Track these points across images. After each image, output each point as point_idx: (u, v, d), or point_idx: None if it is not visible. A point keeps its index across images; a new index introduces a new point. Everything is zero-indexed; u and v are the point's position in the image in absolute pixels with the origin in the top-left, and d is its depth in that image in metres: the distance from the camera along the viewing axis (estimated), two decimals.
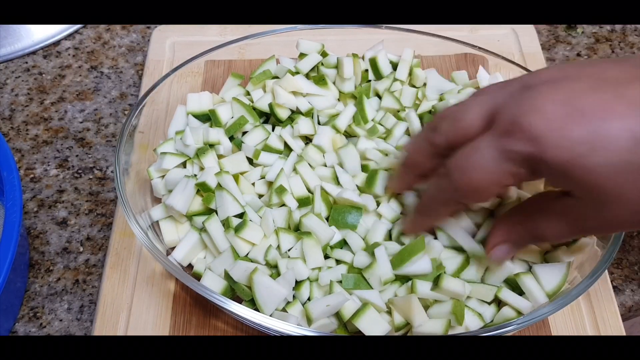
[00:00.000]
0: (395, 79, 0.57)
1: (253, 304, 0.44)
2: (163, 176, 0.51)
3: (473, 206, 0.46)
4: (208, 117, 0.54)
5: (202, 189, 0.48)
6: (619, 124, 0.32)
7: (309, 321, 0.43)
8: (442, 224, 0.46)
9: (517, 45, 0.67)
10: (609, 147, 0.32)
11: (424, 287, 0.44)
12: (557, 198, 0.39)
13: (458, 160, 0.38)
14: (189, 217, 0.49)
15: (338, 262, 0.46)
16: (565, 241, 0.46)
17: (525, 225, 0.41)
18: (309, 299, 0.45)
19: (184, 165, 0.51)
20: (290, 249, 0.46)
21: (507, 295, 0.44)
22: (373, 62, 0.57)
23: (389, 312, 0.44)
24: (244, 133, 0.53)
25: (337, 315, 0.44)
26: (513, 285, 0.45)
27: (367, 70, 0.58)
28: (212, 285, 0.45)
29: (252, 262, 0.45)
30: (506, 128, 0.35)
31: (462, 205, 0.44)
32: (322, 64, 0.57)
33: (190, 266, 0.48)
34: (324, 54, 0.58)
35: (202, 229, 0.48)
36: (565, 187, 0.36)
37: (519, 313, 0.44)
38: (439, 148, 0.40)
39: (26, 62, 0.68)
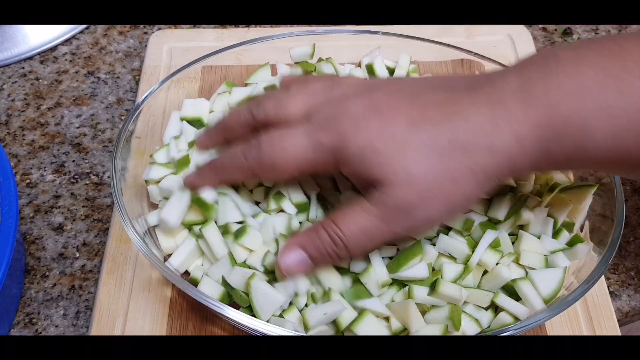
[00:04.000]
0: None
1: (250, 310, 0.44)
2: (159, 181, 0.50)
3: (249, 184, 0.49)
4: (202, 123, 0.54)
5: (197, 204, 0.47)
6: (402, 115, 0.40)
7: (306, 328, 0.43)
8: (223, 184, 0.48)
9: (513, 50, 0.67)
10: (393, 132, 0.39)
11: (420, 292, 0.44)
12: (359, 196, 0.42)
13: (272, 137, 0.42)
14: (186, 225, 0.48)
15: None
16: (370, 247, 0.44)
17: (329, 226, 0.41)
18: (306, 305, 0.45)
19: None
20: None
21: (503, 300, 0.44)
22: (370, 68, 0.57)
23: (387, 319, 0.44)
24: None
25: (334, 322, 0.44)
26: (510, 291, 0.45)
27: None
28: (210, 292, 0.45)
29: (249, 268, 0.45)
30: (320, 123, 0.41)
31: (254, 178, 0.48)
32: (315, 70, 0.57)
33: (187, 272, 0.48)
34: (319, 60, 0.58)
35: (199, 236, 0.47)
36: (363, 174, 0.40)
37: (516, 319, 0.44)
38: (256, 121, 0.45)
39: (23, 68, 0.68)
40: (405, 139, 0.39)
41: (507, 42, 0.68)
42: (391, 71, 0.59)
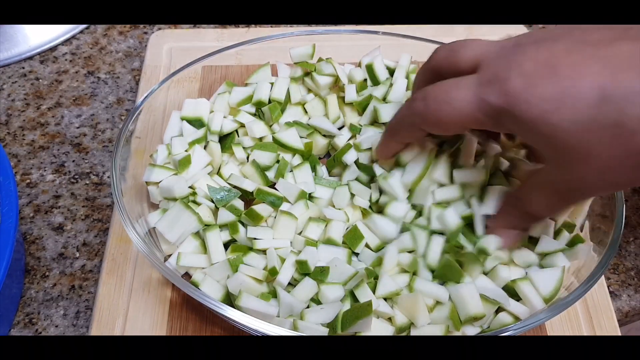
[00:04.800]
0: (392, 85, 0.57)
1: None
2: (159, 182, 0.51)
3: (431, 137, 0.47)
4: (202, 123, 0.54)
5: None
6: (589, 82, 0.33)
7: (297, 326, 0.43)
8: (402, 147, 0.47)
9: None
10: (576, 105, 0.33)
11: (423, 285, 0.44)
12: (536, 172, 0.40)
13: (437, 90, 0.40)
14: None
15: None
16: (555, 214, 0.46)
17: (517, 205, 0.43)
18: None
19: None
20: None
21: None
22: (370, 68, 0.57)
23: (390, 319, 0.44)
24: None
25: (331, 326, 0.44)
26: (511, 291, 0.45)
27: (365, 80, 0.58)
28: (211, 292, 0.45)
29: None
30: (487, 77, 0.37)
31: (423, 133, 0.44)
32: (315, 70, 0.57)
33: (187, 273, 0.48)
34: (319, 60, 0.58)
35: (200, 237, 0.47)
36: (536, 144, 0.38)
37: (516, 318, 0.44)
38: (430, 73, 0.43)
39: (23, 68, 0.68)
40: (589, 114, 0.33)
41: None
42: (391, 71, 0.59)
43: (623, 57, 0.33)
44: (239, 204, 0.50)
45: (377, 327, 0.43)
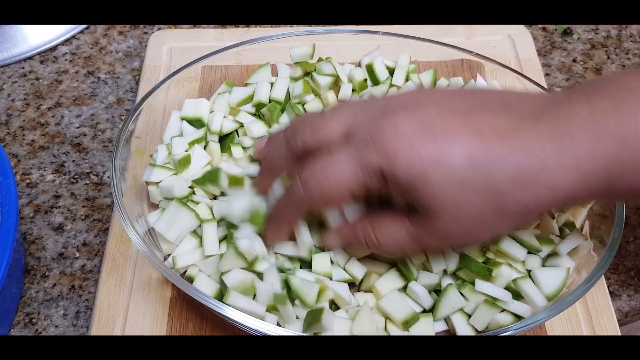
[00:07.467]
0: (392, 85, 0.57)
1: None
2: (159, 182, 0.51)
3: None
4: (202, 123, 0.54)
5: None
6: (460, 146, 0.36)
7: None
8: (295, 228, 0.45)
9: (513, 51, 0.67)
10: (450, 165, 0.36)
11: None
12: (401, 211, 0.41)
13: (313, 169, 0.40)
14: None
15: None
16: (400, 255, 0.46)
17: (367, 230, 0.42)
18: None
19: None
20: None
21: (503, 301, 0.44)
22: (370, 68, 0.57)
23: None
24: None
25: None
26: (511, 291, 0.45)
27: (366, 80, 0.58)
28: (205, 288, 0.45)
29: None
30: (363, 142, 0.38)
31: (309, 211, 0.44)
32: (315, 70, 0.57)
33: (187, 272, 0.48)
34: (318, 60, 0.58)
35: (200, 236, 0.47)
36: (411, 200, 0.39)
37: (517, 317, 0.44)
38: (296, 153, 0.43)
39: (23, 67, 0.68)
40: (463, 175, 0.36)
41: (507, 42, 0.68)
42: (391, 71, 0.59)
43: (486, 127, 0.37)
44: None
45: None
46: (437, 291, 0.46)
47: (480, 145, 0.36)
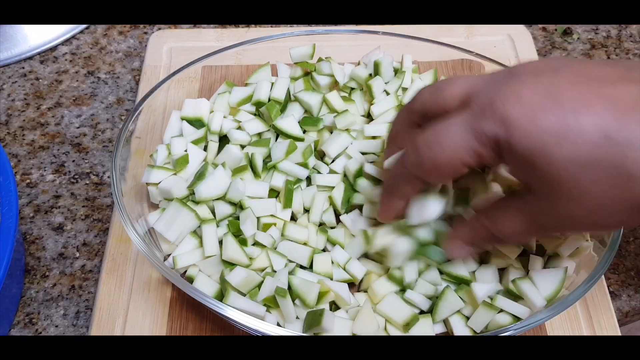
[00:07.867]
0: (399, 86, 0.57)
1: None
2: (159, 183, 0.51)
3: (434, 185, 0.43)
4: (202, 123, 0.54)
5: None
6: (592, 119, 0.32)
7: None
8: (405, 203, 0.43)
9: (513, 51, 0.67)
10: (577, 141, 0.32)
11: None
12: (516, 195, 0.39)
13: (427, 135, 0.37)
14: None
15: None
16: (525, 241, 0.45)
17: (484, 222, 0.40)
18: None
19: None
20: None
21: (501, 302, 0.44)
22: (377, 66, 0.57)
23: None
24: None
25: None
26: (510, 292, 0.45)
27: (370, 75, 0.58)
28: (205, 288, 0.45)
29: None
30: (481, 108, 0.35)
31: (423, 183, 0.41)
32: (315, 70, 0.57)
33: (187, 272, 0.48)
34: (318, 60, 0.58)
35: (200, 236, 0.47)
36: (527, 178, 0.36)
37: (516, 318, 0.44)
38: (416, 115, 0.40)
39: (23, 68, 0.68)
40: (590, 153, 0.32)
41: (507, 42, 0.68)
42: (394, 71, 0.58)
43: (628, 100, 0.32)
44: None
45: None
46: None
47: (615, 121, 0.31)
